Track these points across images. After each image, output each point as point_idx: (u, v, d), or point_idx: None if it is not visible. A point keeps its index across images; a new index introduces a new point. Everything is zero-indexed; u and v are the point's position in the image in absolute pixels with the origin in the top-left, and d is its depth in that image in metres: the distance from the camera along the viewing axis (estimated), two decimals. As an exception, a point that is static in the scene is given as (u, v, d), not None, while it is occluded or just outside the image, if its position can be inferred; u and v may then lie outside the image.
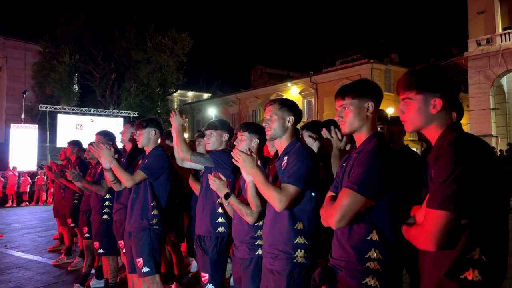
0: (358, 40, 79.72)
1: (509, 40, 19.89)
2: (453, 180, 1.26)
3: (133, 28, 26.76)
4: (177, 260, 4.58)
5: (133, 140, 3.73)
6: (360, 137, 1.78)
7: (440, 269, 1.36)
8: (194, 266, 5.21)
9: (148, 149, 3.37)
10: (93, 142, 3.67)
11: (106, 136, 4.07)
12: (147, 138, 3.32)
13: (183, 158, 2.96)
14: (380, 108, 1.92)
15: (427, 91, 1.45)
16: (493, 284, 1.31)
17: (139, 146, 3.40)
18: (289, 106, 2.25)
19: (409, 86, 1.48)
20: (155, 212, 3.21)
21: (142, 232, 3.16)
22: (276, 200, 2.00)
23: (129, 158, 3.73)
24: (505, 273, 1.35)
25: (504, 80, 21.02)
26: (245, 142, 2.58)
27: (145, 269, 3.09)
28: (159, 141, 3.47)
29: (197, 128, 36.29)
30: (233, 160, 2.21)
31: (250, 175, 2.17)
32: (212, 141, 3.01)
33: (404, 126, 1.53)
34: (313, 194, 2.13)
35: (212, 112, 33.51)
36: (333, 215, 1.64)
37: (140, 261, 3.10)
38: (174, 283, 4.47)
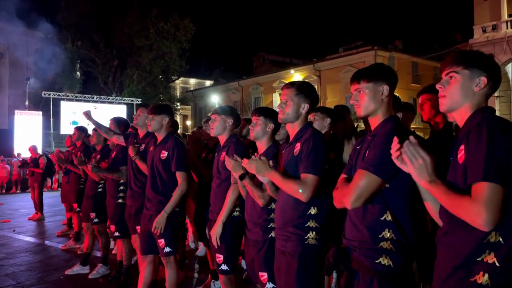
0: (361, 27, 78.78)
1: (515, 27, 19.68)
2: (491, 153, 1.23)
3: (135, 14, 26.57)
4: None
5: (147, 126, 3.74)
6: (375, 121, 1.81)
7: (457, 251, 1.33)
8: (202, 250, 5.28)
9: (159, 136, 3.38)
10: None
11: (119, 123, 4.10)
12: (159, 124, 3.33)
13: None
14: None
15: (475, 67, 1.44)
16: (509, 268, 1.26)
17: (150, 130, 3.42)
18: (306, 92, 2.24)
19: (457, 60, 1.47)
20: None
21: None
22: (299, 193, 2.03)
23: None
24: None
25: (509, 68, 20.78)
26: (260, 126, 2.57)
27: (167, 249, 3.21)
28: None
29: (200, 116, 36.29)
30: (246, 168, 2.22)
31: (267, 177, 2.19)
32: (216, 126, 2.97)
33: (440, 102, 1.51)
34: (325, 178, 2.14)
35: (214, 99, 33.43)
36: (348, 195, 1.67)
37: (162, 241, 3.21)
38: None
